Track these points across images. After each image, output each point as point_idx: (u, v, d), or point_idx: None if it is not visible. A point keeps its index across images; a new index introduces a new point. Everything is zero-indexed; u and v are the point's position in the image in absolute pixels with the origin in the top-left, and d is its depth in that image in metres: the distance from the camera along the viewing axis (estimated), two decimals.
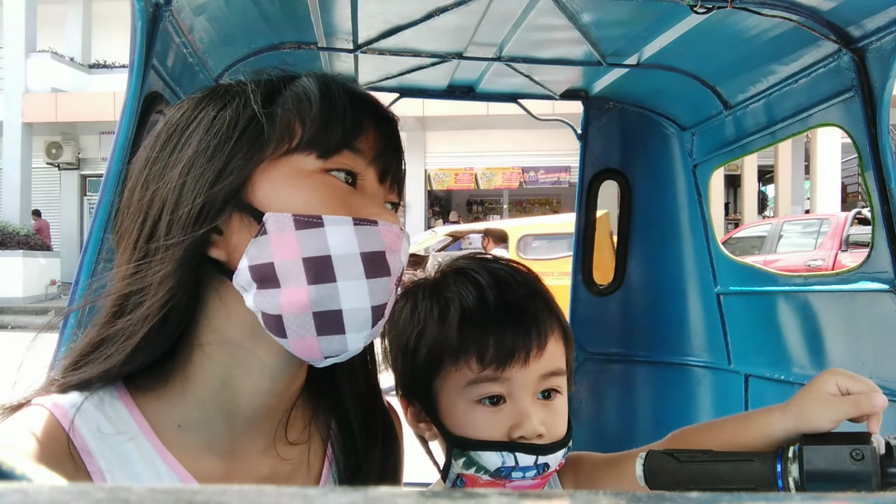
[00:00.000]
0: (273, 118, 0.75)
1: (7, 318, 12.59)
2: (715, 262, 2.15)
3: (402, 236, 0.76)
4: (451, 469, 0.94)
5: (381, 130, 0.79)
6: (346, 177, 0.75)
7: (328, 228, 0.71)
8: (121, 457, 0.70)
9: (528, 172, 17.76)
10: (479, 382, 0.91)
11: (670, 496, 0.27)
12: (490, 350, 0.91)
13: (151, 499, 0.23)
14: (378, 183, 0.79)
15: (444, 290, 0.97)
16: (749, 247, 11.50)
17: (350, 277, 0.71)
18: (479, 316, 0.92)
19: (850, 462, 0.80)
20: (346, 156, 0.75)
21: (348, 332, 0.72)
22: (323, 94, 0.77)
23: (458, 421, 0.92)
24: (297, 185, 0.73)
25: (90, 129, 16.90)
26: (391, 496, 0.24)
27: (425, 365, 0.94)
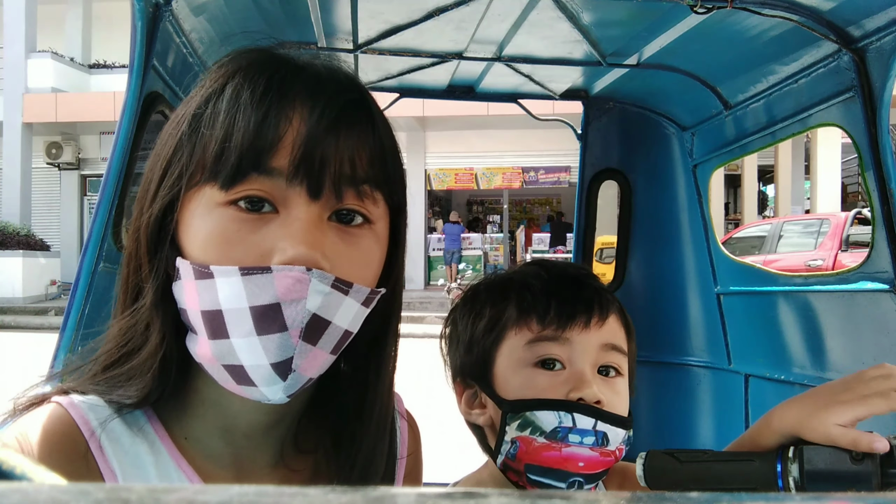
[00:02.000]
0: (196, 137, 0.67)
1: (7, 318, 12.59)
2: (715, 262, 2.15)
3: (306, 280, 0.62)
4: (505, 437, 0.91)
5: (318, 135, 0.65)
6: (250, 205, 0.65)
7: (217, 280, 0.64)
8: (136, 461, 0.69)
9: (528, 172, 17.76)
10: (539, 342, 0.91)
11: (670, 496, 0.27)
12: (551, 311, 0.91)
13: (151, 499, 0.23)
14: (310, 199, 0.65)
15: (508, 275, 1.02)
16: (749, 247, 11.51)
17: (241, 335, 0.64)
18: (540, 285, 0.95)
19: (850, 462, 0.80)
20: (251, 182, 0.64)
21: (260, 386, 0.65)
22: (225, 94, 0.66)
23: (516, 385, 0.91)
24: (197, 222, 0.66)
25: (90, 129, 16.90)
26: (391, 496, 0.24)
27: (485, 339, 0.95)
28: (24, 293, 14.07)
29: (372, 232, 0.70)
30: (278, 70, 0.68)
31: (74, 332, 1.25)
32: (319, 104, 0.66)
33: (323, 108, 0.66)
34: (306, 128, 0.65)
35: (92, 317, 1.29)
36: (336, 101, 0.67)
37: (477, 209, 21.52)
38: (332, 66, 0.73)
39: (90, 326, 1.30)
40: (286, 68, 0.69)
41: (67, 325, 1.25)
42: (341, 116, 0.67)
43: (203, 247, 0.65)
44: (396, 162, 0.73)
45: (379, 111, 0.73)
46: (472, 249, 17.07)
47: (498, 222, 19.80)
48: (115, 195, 1.28)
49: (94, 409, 0.69)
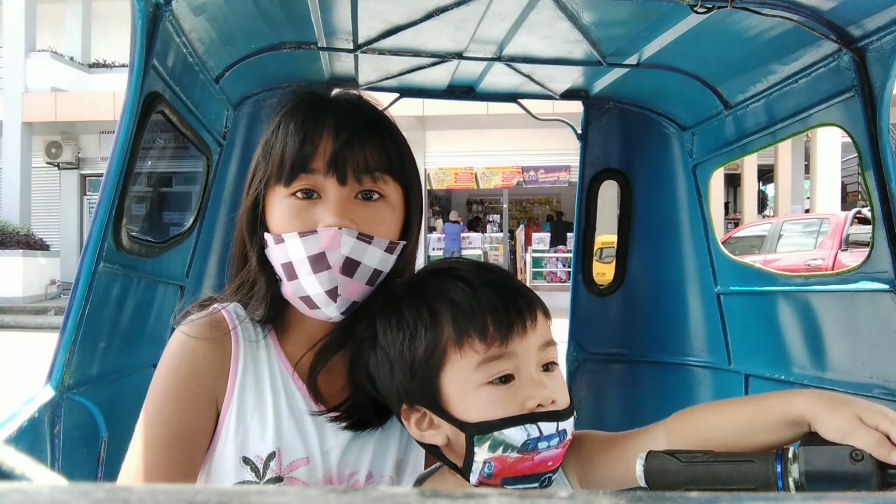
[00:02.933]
0: (268, 155, 1.06)
1: (7, 318, 12.59)
2: (715, 261, 2.15)
3: (339, 235, 1.00)
4: (475, 459, 0.92)
5: (337, 140, 1.02)
6: (304, 195, 1.02)
7: (287, 243, 1.03)
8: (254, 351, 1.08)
9: (527, 172, 17.76)
10: (487, 362, 0.92)
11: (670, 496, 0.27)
12: (490, 328, 0.92)
13: (152, 499, 0.23)
14: (340, 185, 1.02)
15: (426, 291, 0.98)
16: (749, 246, 11.50)
17: (304, 275, 1.02)
18: (469, 302, 0.94)
19: (849, 462, 0.80)
20: (302, 179, 1.02)
21: (322, 308, 1.04)
22: (285, 129, 1.05)
23: (472, 408, 0.92)
24: (274, 209, 1.05)
25: (90, 129, 16.90)
26: (391, 496, 0.24)
27: (427, 364, 0.93)
28: (24, 293, 14.06)
29: (386, 202, 1.06)
30: (313, 105, 1.07)
31: (75, 332, 1.25)
32: (341, 125, 1.03)
33: (343, 127, 1.03)
34: (332, 141, 1.02)
35: (92, 316, 1.29)
36: (351, 122, 1.04)
37: (477, 209, 21.52)
38: (352, 98, 1.10)
39: (90, 326, 1.30)
40: (319, 104, 1.07)
41: (68, 324, 1.25)
42: (355, 131, 1.03)
43: (278, 224, 1.04)
44: (400, 154, 1.08)
45: (387, 122, 1.10)
46: (472, 249, 17.07)
47: (498, 222, 19.80)
48: (115, 195, 1.28)
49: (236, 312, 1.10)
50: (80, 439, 1.30)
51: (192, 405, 1.03)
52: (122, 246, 1.37)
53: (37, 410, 1.16)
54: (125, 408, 1.63)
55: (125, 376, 1.57)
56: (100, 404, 1.33)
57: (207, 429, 1.03)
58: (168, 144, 13.36)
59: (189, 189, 14.40)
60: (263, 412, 1.04)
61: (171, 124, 1.52)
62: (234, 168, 2.05)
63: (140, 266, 1.52)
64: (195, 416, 1.02)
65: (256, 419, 1.03)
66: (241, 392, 1.04)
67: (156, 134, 1.33)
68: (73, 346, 1.25)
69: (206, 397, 1.04)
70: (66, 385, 1.24)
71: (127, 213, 1.36)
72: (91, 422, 1.32)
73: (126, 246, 1.39)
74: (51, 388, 1.22)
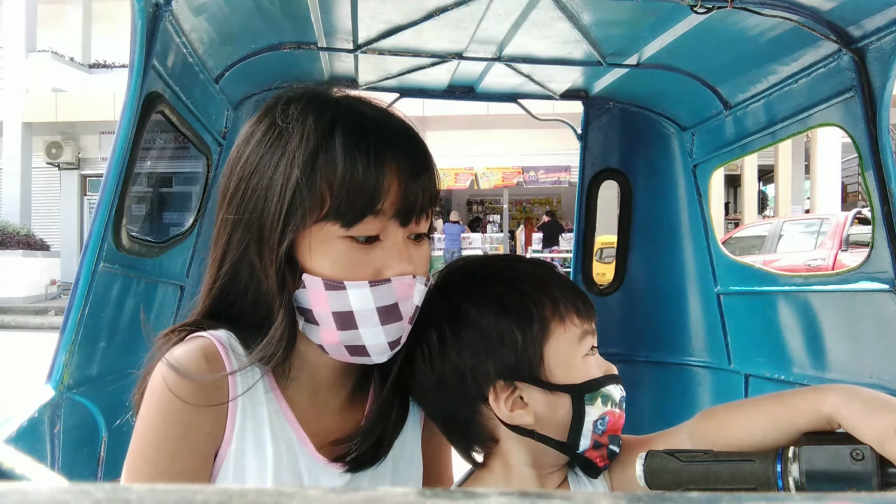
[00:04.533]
0: (311, 186, 0.89)
1: (7, 318, 12.59)
2: (715, 262, 2.15)
3: (413, 284, 0.93)
4: (585, 419, 0.96)
5: (407, 182, 0.91)
6: (366, 239, 0.91)
7: (350, 291, 0.91)
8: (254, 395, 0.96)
9: (528, 172, 17.76)
10: (584, 336, 1.00)
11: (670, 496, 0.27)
12: (580, 305, 1.00)
13: (152, 499, 0.23)
14: (401, 227, 0.93)
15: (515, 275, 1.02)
16: (749, 246, 11.50)
17: (369, 326, 0.92)
18: (563, 283, 1.02)
19: (850, 462, 0.80)
20: (367, 222, 0.90)
21: (372, 356, 0.95)
22: (348, 161, 0.89)
23: (579, 373, 0.98)
24: (325, 251, 0.91)
25: (90, 129, 16.90)
26: (391, 496, 0.24)
27: (536, 338, 0.97)
28: (24, 293, 14.06)
29: (428, 241, 0.99)
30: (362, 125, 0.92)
31: (75, 332, 1.25)
32: (404, 157, 0.92)
33: (407, 159, 0.92)
34: (398, 178, 0.90)
35: (92, 316, 1.29)
36: (414, 156, 0.93)
37: (477, 209, 21.51)
38: (403, 122, 0.98)
39: (90, 326, 1.30)
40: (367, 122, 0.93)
41: (68, 324, 1.25)
42: (418, 165, 0.93)
43: (331, 267, 0.91)
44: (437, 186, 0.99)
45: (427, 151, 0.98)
46: (473, 249, 17.06)
47: (498, 222, 19.79)
48: (115, 195, 1.28)
49: (231, 345, 0.95)
50: (80, 439, 1.30)
51: (194, 457, 0.92)
52: (122, 246, 1.37)
53: (37, 410, 1.16)
54: (125, 408, 1.62)
55: (125, 376, 1.56)
56: (100, 404, 1.33)
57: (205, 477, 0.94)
58: (168, 144, 13.36)
59: (189, 189, 14.40)
60: (263, 459, 0.94)
61: (171, 124, 1.52)
62: None
63: (140, 266, 1.52)
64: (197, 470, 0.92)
65: (254, 466, 0.94)
66: (241, 439, 0.94)
67: (156, 134, 1.33)
68: (72, 345, 1.25)
69: (207, 446, 0.93)
70: (66, 385, 1.24)
71: (127, 213, 1.36)
72: (91, 422, 1.32)
73: (126, 246, 1.39)
74: (51, 388, 1.22)
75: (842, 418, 0.83)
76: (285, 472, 0.96)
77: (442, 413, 1.04)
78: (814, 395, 0.88)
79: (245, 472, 0.94)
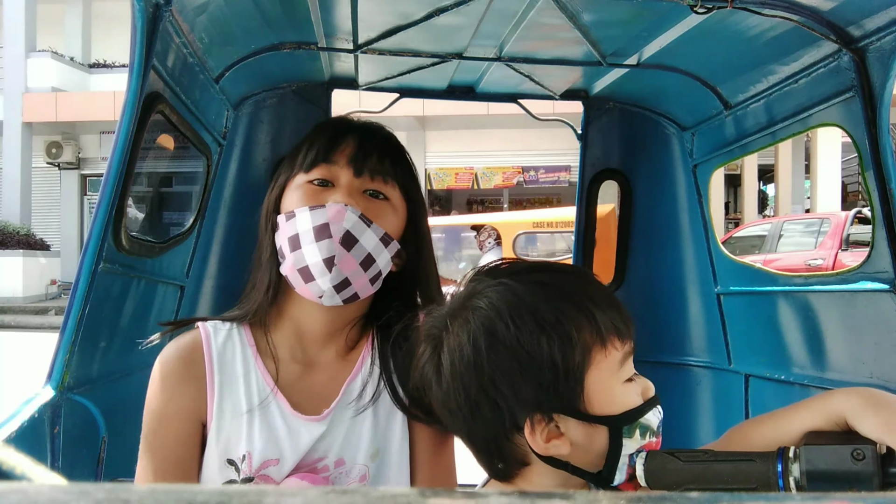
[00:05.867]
0: (294, 156, 1.22)
1: (7, 318, 12.59)
2: (715, 262, 2.15)
3: (345, 211, 1.12)
4: (622, 452, 0.89)
5: (360, 143, 1.19)
6: (320, 182, 1.17)
7: (297, 217, 1.14)
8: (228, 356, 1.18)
9: (528, 172, 17.75)
10: (626, 359, 0.92)
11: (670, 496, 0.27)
12: (621, 324, 0.91)
13: (152, 499, 0.23)
14: (355, 177, 1.17)
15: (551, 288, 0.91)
16: (749, 246, 11.51)
17: (307, 243, 1.12)
18: (604, 299, 0.92)
19: (851, 462, 0.80)
20: (321, 168, 1.18)
21: (317, 279, 1.12)
22: (315, 130, 1.24)
23: (618, 403, 0.90)
24: (293, 194, 1.18)
25: (90, 129, 16.90)
26: (391, 496, 0.24)
27: (579, 366, 0.88)
28: (24, 293, 14.07)
29: (389, 204, 1.20)
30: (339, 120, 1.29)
31: (75, 332, 1.25)
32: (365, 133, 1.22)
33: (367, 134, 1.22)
34: (354, 142, 1.19)
35: (92, 316, 1.29)
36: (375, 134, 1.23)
37: (477, 209, 21.50)
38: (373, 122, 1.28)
39: (91, 326, 1.30)
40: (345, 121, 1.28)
41: (68, 324, 1.25)
42: (377, 141, 1.22)
43: (292, 205, 1.16)
44: (412, 176, 1.25)
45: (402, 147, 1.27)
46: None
47: None
48: (115, 195, 1.28)
49: (214, 327, 1.21)
50: (80, 439, 1.30)
51: (176, 430, 1.14)
52: (122, 246, 1.37)
53: (37, 410, 1.16)
54: (125, 408, 1.63)
55: (125, 376, 1.57)
56: (100, 404, 1.33)
57: (195, 447, 1.15)
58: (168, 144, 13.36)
59: (189, 189, 14.40)
60: (239, 419, 1.13)
61: (171, 124, 1.52)
62: (234, 168, 2.05)
63: (140, 266, 1.52)
64: (181, 440, 1.14)
65: (234, 426, 1.13)
66: (220, 405, 1.14)
67: (156, 134, 1.33)
68: (73, 346, 1.25)
69: (189, 419, 1.14)
70: (66, 385, 1.24)
71: (127, 213, 1.36)
72: (91, 422, 1.32)
73: (126, 246, 1.39)
74: (51, 389, 1.22)
75: (847, 412, 0.84)
76: (257, 427, 1.13)
77: (470, 434, 0.96)
78: (825, 397, 0.89)
79: (222, 431, 1.13)
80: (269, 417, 1.14)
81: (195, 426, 1.14)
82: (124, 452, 1.02)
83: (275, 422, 1.13)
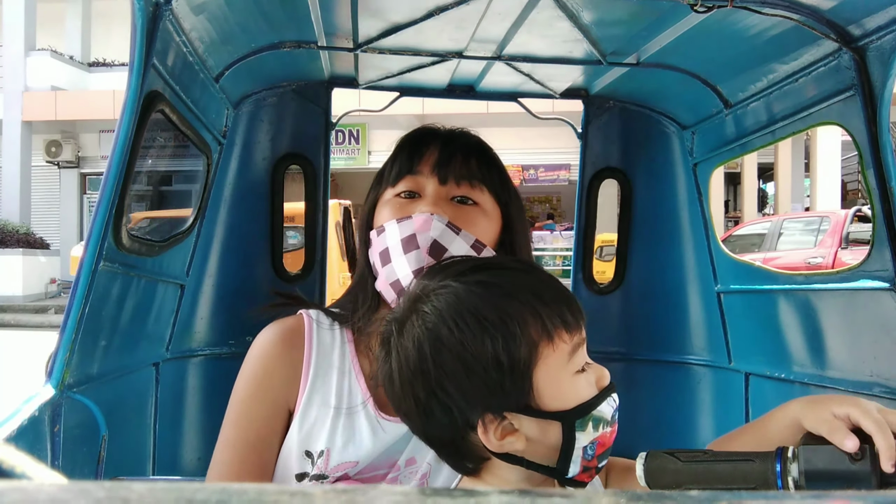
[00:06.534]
0: (381, 173, 1.25)
1: (7, 317, 12.59)
2: (715, 260, 2.15)
3: (431, 220, 1.12)
4: (576, 445, 0.88)
5: (442, 150, 1.20)
6: (407, 195, 1.18)
7: (386, 231, 1.15)
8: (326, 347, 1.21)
9: (527, 170, 17.75)
10: (576, 350, 0.90)
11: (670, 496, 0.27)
12: (568, 315, 0.89)
13: (152, 498, 0.23)
14: (440, 185, 1.18)
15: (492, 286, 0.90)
16: (749, 244, 11.51)
17: (396, 256, 1.12)
18: (548, 293, 0.90)
19: (849, 461, 0.80)
20: (406, 180, 1.19)
21: None
22: (399, 143, 1.26)
23: (567, 398, 0.89)
24: (383, 209, 1.20)
25: (90, 128, 16.89)
26: (391, 496, 0.24)
27: (525, 363, 0.87)
28: (24, 291, 14.06)
29: (479, 209, 1.19)
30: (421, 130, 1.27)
31: (75, 331, 1.25)
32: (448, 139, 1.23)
33: (449, 141, 1.23)
34: (438, 150, 1.20)
35: (92, 315, 1.29)
36: (457, 139, 1.24)
37: None
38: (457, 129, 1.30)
39: (91, 325, 1.30)
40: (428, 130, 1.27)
41: (68, 323, 1.25)
42: (460, 145, 1.23)
43: (382, 220, 1.18)
44: (502, 176, 1.26)
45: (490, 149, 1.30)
46: None
47: None
48: (115, 194, 1.28)
49: (318, 319, 1.24)
50: (80, 438, 1.30)
51: (263, 409, 1.15)
52: (122, 245, 1.37)
53: (37, 409, 1.16)
54: (125, 407, 1.63)
55: (125, 375, 1.57)
56: (100, 403, 1.33)
57: (278, 430, 1.15)
58: (168, 143, 13.35)
59: (189, 188, 14.39)
60: (325, 413, 1.14)
61: (171, 123, 1.52)
62: (234, 167, 2.05)
63: (140, 265, 1.52)
64: (266, 419, 1.15)
65: (319, 419, 1.14)
66: (310, 395, 1.15)
67: (156, 133, 1.33)
68: (73, 344, 1.25)
69: (277, 401, 1.16)
70: (66, 384, 1.24)
71: (127, 212, 1.36)
72: (91, 421, 1.32)
73: (126, 245, 1.39)
74: (51, 387, 1.22)
75: (798, 413, 0.90)
76: (341, 425, 1.13)
77: (427, 436, 0.95)
78: (783, 407, 0.95)
79: (307, 421, 1.14)
80: (355, 418, 1.14)
81: (282, 410, 1.16)
82: (124, 451, 1.01)
83: (360, 423, 1.14)
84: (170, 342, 1.87)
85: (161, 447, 1.80)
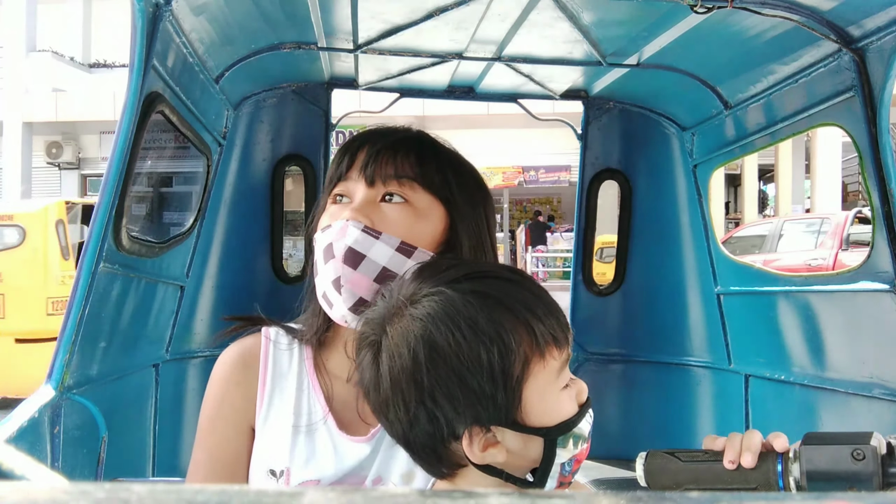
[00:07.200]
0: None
1: None
2: (715, 261, 2.15)
3: (346, 226, 1.07)
4: (555, 461, 0.88)
5: (369, 150, 1.13)
6: (339, 198, 1.14)
7: (316, 241, 1.12)
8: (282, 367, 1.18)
9: (528, 171, 17.76)
10: (563, 367, 0.90)
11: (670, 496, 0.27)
12: (558, 331, 0.88)
13: (152, 499, 0.23)
14: (368, 187, 1.11)
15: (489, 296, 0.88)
16: (749, 246, 11.50)
17: (320, 267, 1.09)
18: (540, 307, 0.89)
19: (851, 462, 0.80)
20: (339, 186, 1.14)
21: (334, 304, 1.08)
22: (337, 150, 1.20)
23: (553, 413, 0.89)
24: (321, 217, 1.15)
25: (90, 129, 16.90)
26: (391, 496, 0.24)
27: (517, 377, 0.86)
28: None
29: (408, 206, 1.11)
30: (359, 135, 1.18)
31: (75, 332, 1.25)
32: (377, 138, 1.15)
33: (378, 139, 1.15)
34: (366, 151, 1.13)
35: (92, 316, 1.29)
36: (387, 136, 1.16)
37: None
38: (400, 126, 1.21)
39: (91, 326, 1.30)
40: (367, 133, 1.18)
41: (68, 325, 1.25)
42: (388, 143, 1.14)
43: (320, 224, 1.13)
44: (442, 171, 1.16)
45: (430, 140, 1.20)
46: None
47: (498, 221, 19.78)
48: (115, 195, 1.28)
49: (277, 337, 1.20)
50: (80, 439, 1.30)
51: (227, 429, 1.16)
52: (122, 246, 1.37)
53: (37, 410, 1.15)
54: (125, 408, 1.63)
55: (125, 376, 1.57)
56: (100, 404, 1.33)
57: (244, 449, 1.16)
58: (168, 144, 13.36)
59: (189, 189, 14.40)
60: (284, 432, 1.12)
61: (171, 124, 1.52)
62: (234, 168, 2.05)
63: (140, 266, 1.52)
64: (230, 439, 1.16)
65: (278, 438, 1.13)
66: (267, 413, 1.15)
67: (156, 134, 1.33)
68: (73, 346, 1.25)
69: (239, 421, 1.16)
70: (66, 385, 1.24)
71: (127, 213, 1.36)
72: (91, 422, 1.32)
73: (126, 246, 1.39)
74: (51, 388, 1.22)
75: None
76: (300, 443, 1.11)
77: (406, 441, 0.92)
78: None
79: (265, 439, 1.13)
80: (316, 437, 1.12)
81: (245, 429, 1.16)
82: (124, 452, 1.02)
83: (320, 442, 1.11)
84: (170, 343, 1.87)
85: (161, 448, 1.80)
